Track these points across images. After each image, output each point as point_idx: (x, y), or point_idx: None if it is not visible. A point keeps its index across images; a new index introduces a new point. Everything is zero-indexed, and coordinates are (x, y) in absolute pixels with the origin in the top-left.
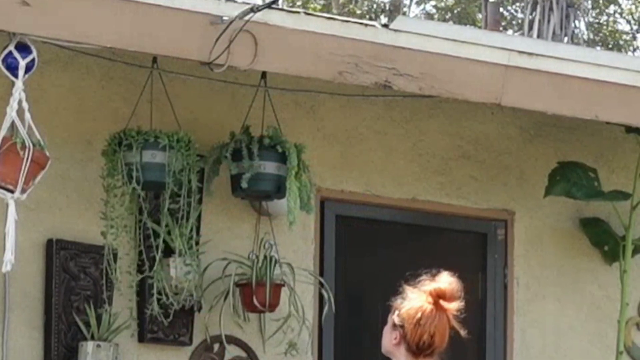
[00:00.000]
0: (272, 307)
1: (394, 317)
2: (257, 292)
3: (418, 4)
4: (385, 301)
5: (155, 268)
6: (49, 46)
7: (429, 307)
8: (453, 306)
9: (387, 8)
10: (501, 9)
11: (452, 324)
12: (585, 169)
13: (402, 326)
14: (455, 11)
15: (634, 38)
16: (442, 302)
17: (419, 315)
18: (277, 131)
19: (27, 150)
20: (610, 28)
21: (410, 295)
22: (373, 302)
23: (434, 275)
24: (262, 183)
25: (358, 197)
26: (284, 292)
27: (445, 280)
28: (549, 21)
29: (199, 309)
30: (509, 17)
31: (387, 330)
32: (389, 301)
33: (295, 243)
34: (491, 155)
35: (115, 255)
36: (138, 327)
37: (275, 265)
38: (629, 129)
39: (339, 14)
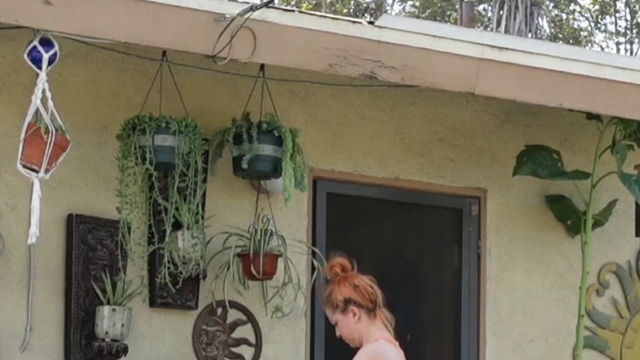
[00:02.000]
0: (269, 275)
1: (337, 305)
2: (255, 262)
3: (400, 2)
4: (372, 269)
5: (165, 240)
6: (69, 41)
7: (343, 275)
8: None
9: (371, 7)
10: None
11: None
12: (550, 151)
13: (350, 301)
14: (428, 11)
15: (592, 34)
16: (342, 270)
17: (351, 283)
18: (274, 117)
19: (50, 134)
20: (570, 25)
21: (329, 287)
22: (360, 270)
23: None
24: (260, 164)
25: (346, 177)
26: (280, 262)
27: (335, 260)
28: (514, 18)
29: (204, 277)
30: (479, 15)
31: (342, 322)
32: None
33: (290, 218)
34: (466, 139)
35: (129, 229)
36: (149, 293)
37: (271, 237)
38: (590, 116)
39: (328, 13)
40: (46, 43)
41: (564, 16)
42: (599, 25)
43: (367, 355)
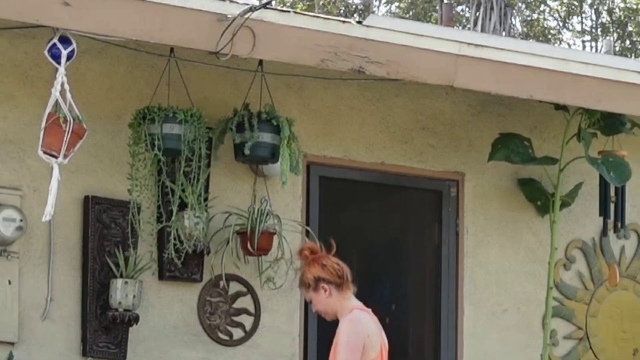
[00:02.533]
0: (265, 251)
1: (309, 284)
2: (252, 239)
3: (386, 4)
4: (360, 246)
5: (172, 219)
6: (85, 39)
7: (312, 257)
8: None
9: (360, 8)
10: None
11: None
12: (522, 138)
13: (320, 279)
14: (412, 12)
15: (560, 32)
16: (311, 253)
17: (318, 264)
18: (272, 108)
19: (68, 123)
20: (540, 24)
21: (302, 268)
22: (349, 247)
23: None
24: (260, 150)
25: (337, 162)
26: (276, 239)
27: (304, 245)
28: (490, 18)
29: (208, 253)
30: (457, 15)
31: (317, 299)
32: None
33: (285, 199)
34: (445, 128)
35: (139, 209)
36: (158, 267)
37: (268, 217)
38: (557, 107)
39: (320, 13)
40: (65, 41)
41: (535, 16)
42: (566, 24)
43: (347, 326)
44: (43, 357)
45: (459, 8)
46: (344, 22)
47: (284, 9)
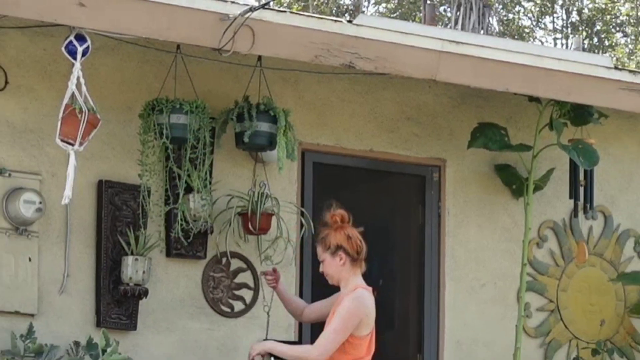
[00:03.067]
0: (264, 230)
1: (329, 247)
2: (252, 220)
3: (374, 4)
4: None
5: (178, 202)
6: (99, 37)
7: (340, 224)
8: (347, 219)
9: (350, 8)
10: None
11: (354, 231)
12: (498, 127)
13: (341, 247)
14: (398, 12)
15: (533, 31)
16: (341, 220)
17: (345, 233)
18: (269, 100)
19: (83, 114)
20: (516, 23)
21: (327, 230)
22: None
23: (328, 208)
24: (258, 138)
25: (329, 149)
26: (274, 220)
27: (337, 210)
28: (469, 18)
29: (211, 232)
30: (440, 15)
31: (329, 262)
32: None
33: (282, 183)
34: (428, 118)
35: (148, 192)
36: (165, 245)
37: (266, 199)
38: (531, 98)
39: (314, 13)
40: (80, 38)
41: (511, 16)
42: (539, 23)
43: (350, 302)
44: (60, 328)
45: (441, 8)
46: (335, 21)
47: (281, 9)
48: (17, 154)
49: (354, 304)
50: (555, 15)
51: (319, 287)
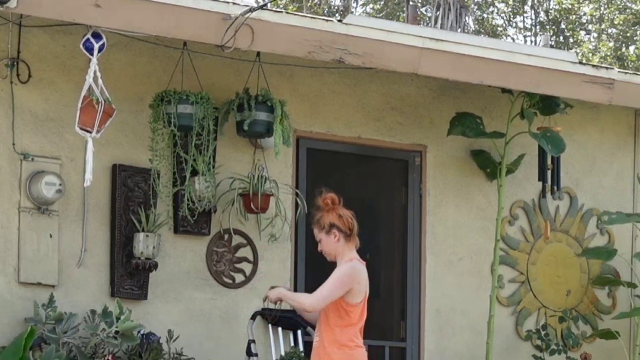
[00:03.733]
0: (263, 209)
1: (324, 227)
2: (254, 200)
3: (362, 5)
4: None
5: (185, 183)
6: (113, 34)
7: (332, 206)
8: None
9: (340, 8)
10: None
11: (345, 211)
12: (474, 117)
13: (334, 226)
14: (384, 12)
15: (506, 29)
16: (332, 203)
17: (337, 213)
18: (267, 92)
19: (100, 104)
20: (489, 22)
21: (320, 213)
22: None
23: (319, 194)
24: (257, 126)
25: (321, 136)
26: (272, 200)
27: (327, 194)
28: (448, 17)
29: (215, 211)
30: (421, 15)
31: (326, 241)
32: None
33: (279, 167)
34: (411, 108)
35: (158, 175)
36: (173, 223)
37: (265, 181)
38: (504, 90)
39: (307, 13)
40: (96, 36)
41: (485, 16)
42: (511, 22)
43: (345, 268)
44: (78, 298)
45: (422, 9)
46: (327, 20)
47: (278, 10)
48: (39, 140)
49: (348, 269)
50: (525, 15)
51: (312, 261)
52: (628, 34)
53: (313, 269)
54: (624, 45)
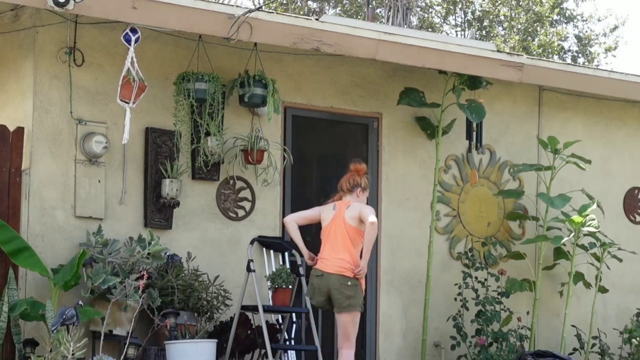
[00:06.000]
0: (259, 161)
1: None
2: (250, 154)
3: (333, 7)
4: (318, 159)
5: (201, 142)
6: (146, 29)
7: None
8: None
9: (317, 10)
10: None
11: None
12: (418, 91)
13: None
14: (349, 13)
15: (442, 26)
16: (356, 172)
17: (364, 181)
18: (262, 73)
19: (135, 82)
20: (429, 20)
21: (358, 178)
22: (310, 159)
23: (358, 162)
24: (254, 99)
25: (303, 106)
26: (265, 154)
27: (355, 165)
28: (397, 17)
29: (222, 162)
30: (378, 15)
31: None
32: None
33: (271, 129)
34: (371, 85)
35: (180, 135)
36: (191, 171)
37: (260, 140)
38: (440, 71)
39: (292, 13)
40: (133, 30)
41: (425, 15)
42: (445, 20)
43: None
44: (119, 228)
45: (378, 10)
46: (307, 19)
47: (270, 11)
48: (91, 109)
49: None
50: (456, 14)
51: (296, 201)
52: (530, 30)
53: (296, 206)
54: (528, 37)
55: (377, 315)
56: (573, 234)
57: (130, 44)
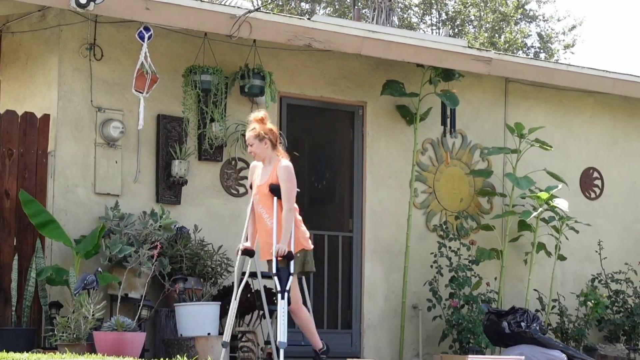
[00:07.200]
0: None
1: (259, 136)
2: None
3: (324, 8)
4: (309, 142)
5: (206, 127)
6: (158, 28)
7: (262, 123)
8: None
9: (309, 10)
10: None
11: (274, 126)
12: (399, 82)
13: (265, 136)
14: (337, 13)
15: (419, 25)
16: (261, 121)
17: (266, 128)
18: (261, 66)
19: (148, 74)
20: (408, 20)
21: (254, 125)
22: (302, 143)
23: (259, 115)
24: (254, 89)
25: (296, 95)
26: None
27: (259, 111)
28: (380, 16)
29: (225, 145)
30: (363, 15)
31: (258, 146)
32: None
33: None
34: (357, 77)
35: (188, 121)
36: (198, 153)
37: None
38: (418, 65)
39: (287, 14)
40: (146, 29)
41: (405, 15)
42: (423, 19)
43: (286, 167)
44: (134, 203)
45: (363, 10)
46: (300, 18)
47: (268, 11)
48: (109, 98)
49: (286, 164)
50: (432, 15)
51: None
52: (497, 28)
53: None
54: (495, 35)
55: (362, 280)
56: (540, 209)
57: (143, 41)
